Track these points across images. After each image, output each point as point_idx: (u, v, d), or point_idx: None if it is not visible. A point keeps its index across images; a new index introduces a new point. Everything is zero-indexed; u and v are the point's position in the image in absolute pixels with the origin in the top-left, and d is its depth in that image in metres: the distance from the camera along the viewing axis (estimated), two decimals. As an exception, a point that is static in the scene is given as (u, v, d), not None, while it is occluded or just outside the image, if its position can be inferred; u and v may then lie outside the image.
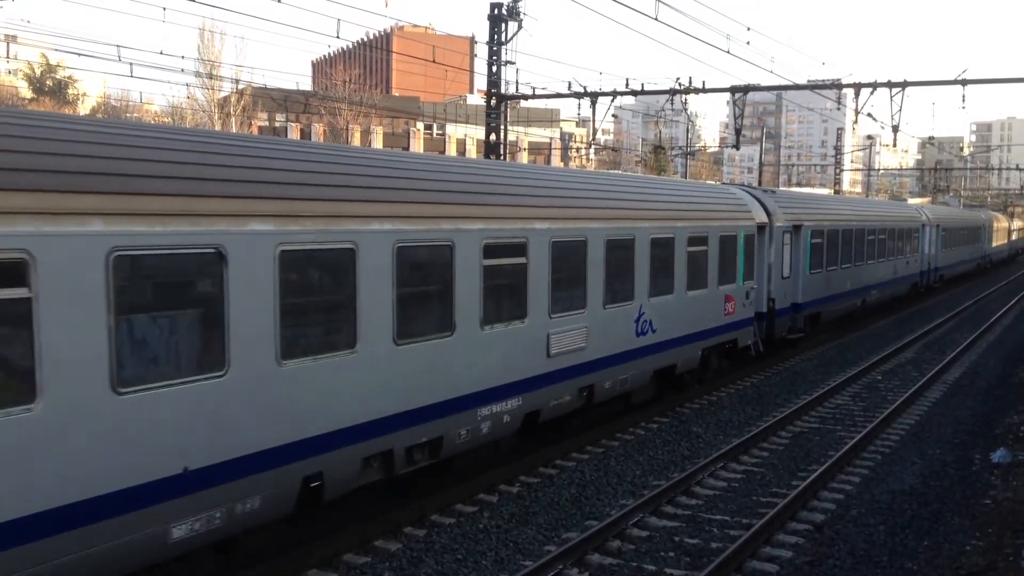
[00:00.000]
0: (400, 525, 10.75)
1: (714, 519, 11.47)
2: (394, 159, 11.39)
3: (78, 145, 7.35)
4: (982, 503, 12.11)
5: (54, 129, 7.39)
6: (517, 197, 12.49)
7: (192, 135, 9.04)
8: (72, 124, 7.85)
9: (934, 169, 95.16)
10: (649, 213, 15.74)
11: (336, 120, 65.75)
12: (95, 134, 7.69)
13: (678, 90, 29.59)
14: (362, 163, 10.48)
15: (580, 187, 14.53)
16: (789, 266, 22.85)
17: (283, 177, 8.87)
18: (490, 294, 11.41)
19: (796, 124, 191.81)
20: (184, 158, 8.06)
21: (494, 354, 11.63)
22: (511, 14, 28.85)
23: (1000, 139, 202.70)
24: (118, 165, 7.42)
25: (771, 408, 17.78)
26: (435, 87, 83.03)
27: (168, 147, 8.05)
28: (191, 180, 7.90)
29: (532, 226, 12.32)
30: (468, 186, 11.67)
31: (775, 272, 21.97)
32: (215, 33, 56.35)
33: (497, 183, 12.43)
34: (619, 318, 14.69)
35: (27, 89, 72.16)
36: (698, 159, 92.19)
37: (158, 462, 7.46)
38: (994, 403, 18.58)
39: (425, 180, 10.89)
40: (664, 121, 54.73)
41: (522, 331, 12.17)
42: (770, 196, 22.82)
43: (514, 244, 11.97)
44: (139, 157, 7.66)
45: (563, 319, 13.04)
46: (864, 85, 28.03)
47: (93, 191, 7.10)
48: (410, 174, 10.79)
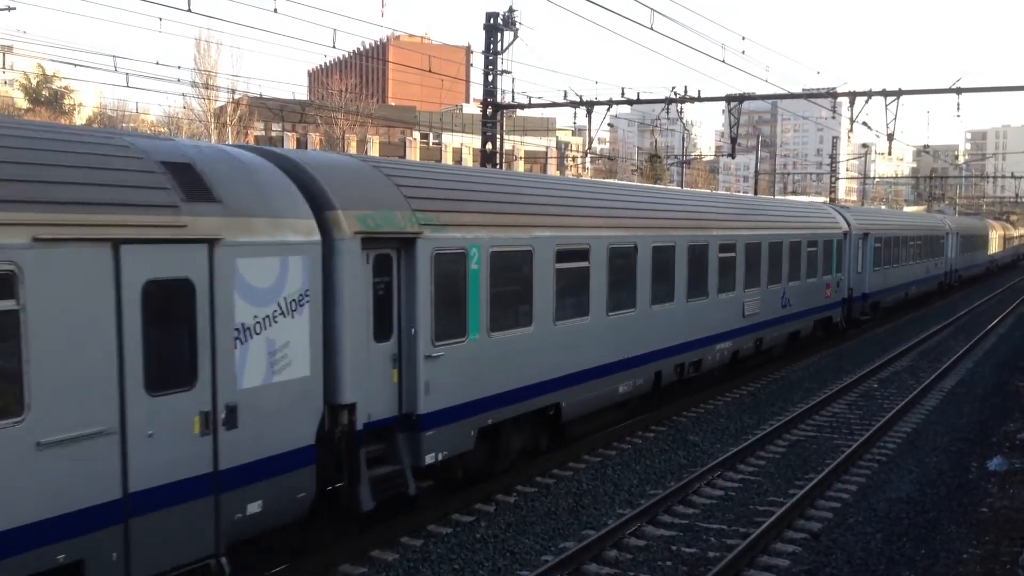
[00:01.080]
0: (397, 535, 10.72)
1: (711, 528, 11.46)
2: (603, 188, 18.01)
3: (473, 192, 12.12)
4: (979, 511, 12.11)
5: (448, 179, 12.13)
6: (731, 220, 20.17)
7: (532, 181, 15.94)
8: (456, 175, 13.08)
9: (929, 177, 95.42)
10: (795, 224, 23.79)
11: (332, 130, 65.78)
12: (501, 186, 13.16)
13: (674, 99, 29.62)
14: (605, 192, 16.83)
15: (774, 211, 23.79)
16: (860, 264, 29.10)
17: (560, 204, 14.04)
18: (722, 275, 18.90)
19: (791, 133, 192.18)
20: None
21: (720, 314, 18.95)
22: (507, 24, 28.91)
23: (995, 147, 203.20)
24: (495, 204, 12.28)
25: (768, 416, 17.78)
26: (431, 96, 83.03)
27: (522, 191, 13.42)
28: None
29: (738, 232, 19.86)
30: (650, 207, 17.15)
31: (852, 268, 28.13)
32: (211, 43, 56.37)
33: (689, 209, 18.74)
34: (774, 295, 21.75)
35: (23, 99, 72.17)
36: (694, 168, 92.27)
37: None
38: (990, 411, 18.60)
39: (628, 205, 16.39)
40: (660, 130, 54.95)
41: (731, 300, 19.42)
42: (846, 211, 30.14)
43: (729, 245, 19.29)
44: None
45: (750, 292, 20.25)
46: (859, 94, 28.09)
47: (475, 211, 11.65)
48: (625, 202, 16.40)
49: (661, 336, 16.49)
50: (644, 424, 16.58)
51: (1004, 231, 72.49)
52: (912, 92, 27.51)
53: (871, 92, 27.79)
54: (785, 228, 22.74)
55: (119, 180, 7.48)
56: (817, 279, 24.90)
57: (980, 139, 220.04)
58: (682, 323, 17.27)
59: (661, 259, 16.36)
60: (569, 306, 13.60)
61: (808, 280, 24.10)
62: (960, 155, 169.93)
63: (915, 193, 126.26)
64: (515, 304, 12.37)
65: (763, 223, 21.68)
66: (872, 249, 30.14)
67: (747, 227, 20.60)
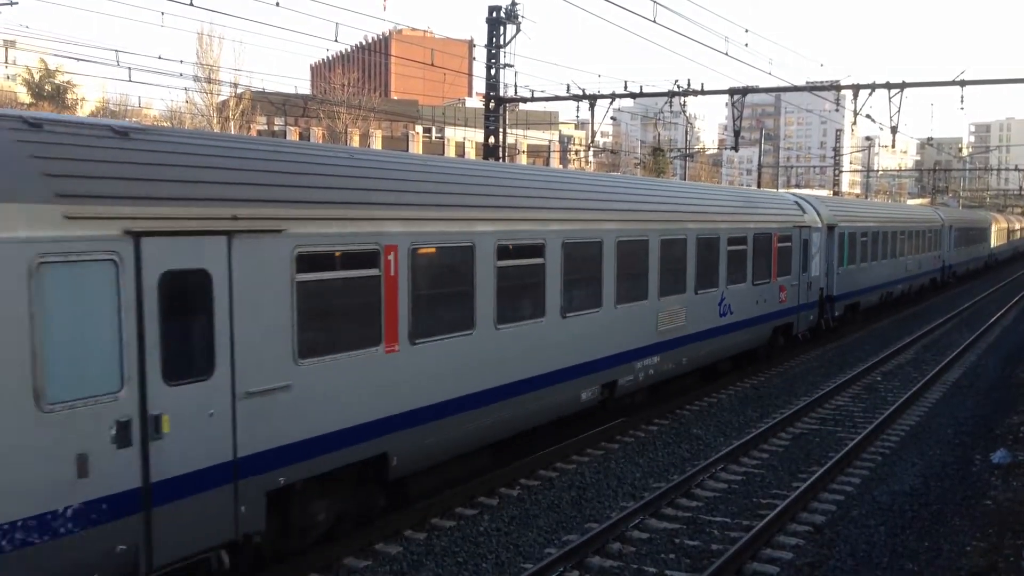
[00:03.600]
0: (400, 529, 10.74)
1: (714, 521, 11.47)
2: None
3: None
4: (982, 504, 12.10)
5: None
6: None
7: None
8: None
9: (933, 170, 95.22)
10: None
11: (335, 124, 65.77)
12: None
13: (677, 92, 29.59)
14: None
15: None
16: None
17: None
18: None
19: (795, 126, 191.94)
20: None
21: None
22: (509, 17, 28.86)
23: (999, 140, 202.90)
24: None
25: (771, 409, 17.77)
26: (434, 90, 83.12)
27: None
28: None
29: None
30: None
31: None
32: (214, 37, 56.40)
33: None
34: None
35: (26, 94, 72.11)
36: (697, 161, 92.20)
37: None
38: (994, 404, 18.58)
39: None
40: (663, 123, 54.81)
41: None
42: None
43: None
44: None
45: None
46: (862, 86, 28.03)
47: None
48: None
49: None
50: (647, 418, 16.58)
51: (1007, 224, 72.02)
52: (916, 85, 27.48)
53: (875, 85, 27.74)
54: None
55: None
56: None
57: (984, 132, 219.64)
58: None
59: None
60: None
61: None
62: (964, 148, 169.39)
63: (919, 186, 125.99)
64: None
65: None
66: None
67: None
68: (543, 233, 12.64)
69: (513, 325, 12.03)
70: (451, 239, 10.90)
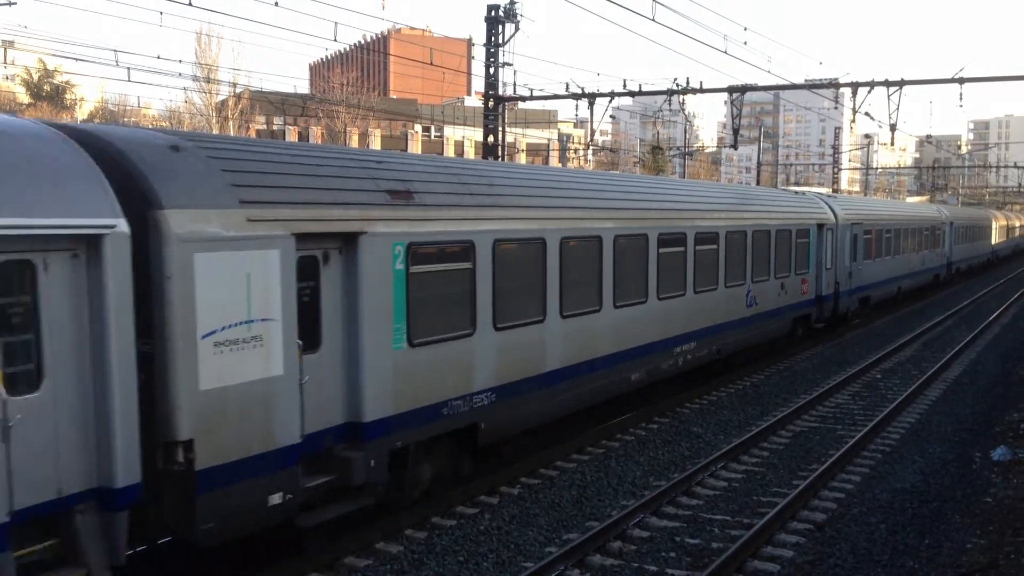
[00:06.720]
0: (401, 527, 10.74)
1: (715, 519, 11.47)
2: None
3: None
4: (983, 501, 12.11)
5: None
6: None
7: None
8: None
9: (932, 167, 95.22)
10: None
11: (334, 123, 65.73)
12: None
13: (676, 90, 29.59)
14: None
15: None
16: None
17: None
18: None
19: (794, 124, 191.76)
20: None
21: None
22: (508, 16, 28.86)
23: (998, 137, 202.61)
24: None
25: (771, 408, 17.77)
26: (432, 89, 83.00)
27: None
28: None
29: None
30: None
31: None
32: (212, 37, 56.37)
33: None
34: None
35: (24, 94, 72.06)
36: (696, 159, 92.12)
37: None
38: (994, 401, 18.58)
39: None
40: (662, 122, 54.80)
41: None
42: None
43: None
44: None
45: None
46: (861, 84, 28.02)
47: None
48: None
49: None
50: (647, 416, 16.58)
51: (1007, 221, 72.25)
52: (915, 82, 27.44)
53: (874, 82, 27.72)
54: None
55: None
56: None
57: (983, 129, 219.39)
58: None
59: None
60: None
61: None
62: (963, 145, 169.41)
63: (918, 183, 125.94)
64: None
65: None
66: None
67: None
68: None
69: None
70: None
